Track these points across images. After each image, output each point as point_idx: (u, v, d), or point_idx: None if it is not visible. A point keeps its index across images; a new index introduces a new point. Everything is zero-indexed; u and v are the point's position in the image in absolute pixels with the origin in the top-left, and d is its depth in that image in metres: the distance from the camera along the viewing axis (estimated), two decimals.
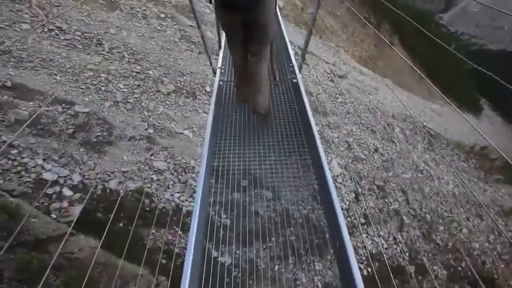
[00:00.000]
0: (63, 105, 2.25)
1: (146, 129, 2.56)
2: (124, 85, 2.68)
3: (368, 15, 13.25)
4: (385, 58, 13.87)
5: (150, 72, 2.96)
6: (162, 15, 3.95)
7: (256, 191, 2.59)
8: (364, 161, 4.71)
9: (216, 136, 2.42)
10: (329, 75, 6.11)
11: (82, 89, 2.45)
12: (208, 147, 2.12)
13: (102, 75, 2.61)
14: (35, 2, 2.64)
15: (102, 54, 2.78)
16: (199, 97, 3.17)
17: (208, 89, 3.28)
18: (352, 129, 5.04)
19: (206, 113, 3.06)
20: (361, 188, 4.30)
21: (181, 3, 4.68)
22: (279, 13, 3.69)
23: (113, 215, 1.48)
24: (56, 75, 2.38)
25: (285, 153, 2.40)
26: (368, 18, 12.92)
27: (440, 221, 5.46)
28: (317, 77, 5.44)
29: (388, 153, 5.39)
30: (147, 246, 2.10)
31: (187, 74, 3.26)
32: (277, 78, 2.34)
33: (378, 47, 13.95)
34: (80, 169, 2.12)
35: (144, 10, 3.74)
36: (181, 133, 2.76)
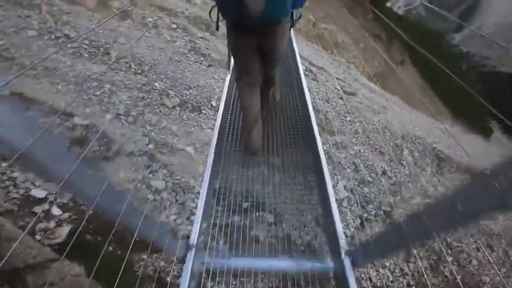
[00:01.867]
0: (62, 116, 2.16)
1: (147, 144, 2.45)
2: (128, 97, 2.60)
3: (380, 32, 13.23)
4: (394, 75, 13.76)
5: (156, 84, 2.88)
6: (174, 26, 3.91)
7: (257, 213, 2.44)
8: (371, 184, 4.53)
9: (220, 156, 2.30)
10: (338, 93, 6.00)
11: (84, 99, 2.36)
12: (211, 167, 2.00)
13: (106, 85, 2.53)
14: (45, 8, 2.60)
15: (108, 63, 2.72)
16: (205, 112, 3.07)
17: (214, 103, 3.18)
18: (360, 150, 4.88)
19: (211, 129, 2.95)
20: (367, 213, 4.11)
21: (194, 14, 4.67)
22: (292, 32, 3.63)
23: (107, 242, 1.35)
24: (58, 84, 2.31)
25: (289, 175, 2.29)
26: (379, 35, 12.91)
27: (449, 251, 5.18)
28: (326, 94, 5.33)
29: (396, 176, 5.19)
30: (138, 274, 1.95)
31: (194, 87, 3.17)
32: (278, 99, 2.27)
33: (388, 64, 13.85)
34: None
35: (156, 20, 3.70)
36: (183, 150, 2.64)
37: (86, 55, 2.62)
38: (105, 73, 2.59)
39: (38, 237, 1.73)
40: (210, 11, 1.36)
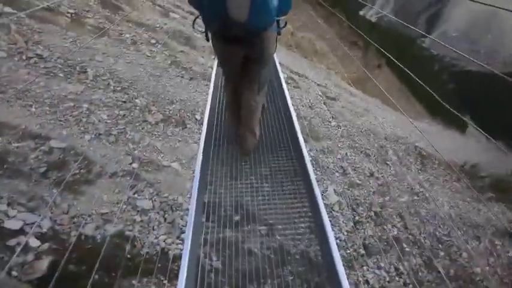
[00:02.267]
0: (37, 140, 2.04)
1: (130, 163, 2.36)
2: (108, 116, 2.50)
3: (356, 38, 13.78)
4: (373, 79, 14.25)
5: (137, 100, 2.81)
6: (153, 41, 3.87)
7: (249, 226, 2.39)
8: (360, 187, 4.58)
9: (206, 169, 2.25)
10: (321, 98, 6.12)
11: (60, 121, 2.25)
12: (198, 181, 1.93)
13: (83, 105, 2.44)
14: (14, 28, 2.49)
15: (85, 82, 2.62)
16: (189, 126, 3.01)
17: (198, 117, 3.13)
18: (346, 153, 4.96)
19: (196, 143, 2.89)
20: (358, 215, 4.13)
21: (173, 28, 4.65)
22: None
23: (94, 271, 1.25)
24: (31, 106, 2.19)
25: (277, 183, 2.27)
26: (356, 42, 13.44)
27: (440, 246, 5.29)
28: (310, 101, 5.41)
29: (383, 176, 5.29)
30: None
31: (177, 101, 3.12)
32: (265, 106, 2.27)
33: (366, 68, 14.38)
34: (51, 213, 1.88)
35: (134, 36, 3.65)
36: (169, 166, 2.56)
37: (61, 75, 2.52)
38: (82, 92, 2.50)
39: (14, 273, 1.59)
40: (194, 21, 1.33)
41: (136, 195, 2.23)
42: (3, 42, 2.38)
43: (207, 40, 1.33)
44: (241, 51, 1.34)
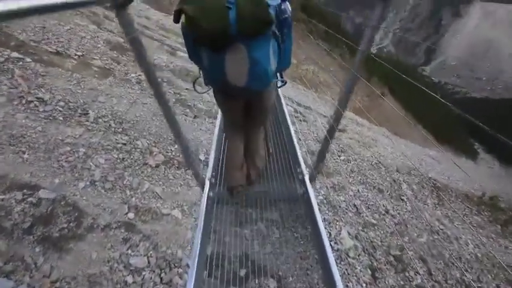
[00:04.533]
0: (25, 190, 1.87)
1: (126, 213, 2.15)
2: (105, 160, 2.36)
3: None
4: (377, 108, 14.29)
5: (138, 142, 2.68)
6: (158, 80, 3.87)
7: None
8: (376, 227, 4.22)
9: (210, 216, 2.08)
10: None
11: (53, 167, 2.10)
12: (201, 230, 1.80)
13: (80, 149, 2.30)
14: (18, 72, 2.47)
15: (85, 125, 2.52)
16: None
17: (202, 157, 2.97)
18: (358, 190, 4.67)
19: (199, 187, 2.70)
20: (376, 261, 3.73)
21: (180, 66, 4.71)
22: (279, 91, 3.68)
23: None
24: (24, 153, 2.06)
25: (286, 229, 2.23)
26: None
27: None
28: (317, 134, 5.27)
29: (399, 213, 4.92)
30: None
31: None
32: (271, 150, 2.34)
33: (370, 97, 14.48)
34: (30, 277, 1.64)
35: (140, 75, 3.66)
36: (169, 214, 2.34)
37: (61, 118, 2.43)
38: (81, 136, 2.38)
39: None
40: (194, 83, 1.42)
41: (130, 251, 1.99)
42: (4, 86, 2.33)
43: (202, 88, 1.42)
44: (242, 103, 1.42)
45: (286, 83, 1.43)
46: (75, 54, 3.26)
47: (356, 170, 5.09)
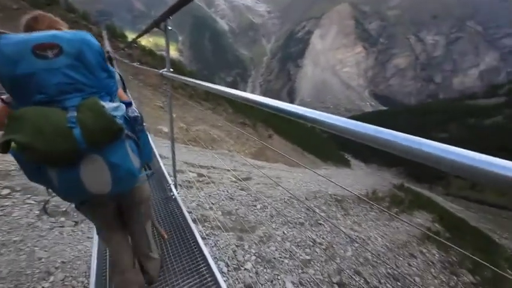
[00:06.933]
0: None
1: None
2: None
3: (243, 119, 15.66)
4: (269, 148, 15.98)
5: None
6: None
7: None
8: (312, 262, 4.26)
9: None
10: (236, 184, 6.00)
11: None
12: None
13: None
14: None
15: None
16: None
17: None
18: (283, 232, 4.69)
19: None
20: None
21: None
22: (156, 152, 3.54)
23: None
24: None
25: None
26: (244, 122, 15.22)
27: (399, 283, 5.30)
28: (227, 191, 5.14)
29: (323, 238, 5.23)
30: None
31: (57, 268, 2.13)
32: (166, 236, 2.14)
33: (260, 140, 16.13)
34: None
35: None
36: None
37: None
38: None
39: None
40: (44, 205, 1.09)
41: None
42: None
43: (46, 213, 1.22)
44: (113, 205, 1.30)
45: (153, 173, 1.43)
46: None
47: (274, 213, 5.19)
